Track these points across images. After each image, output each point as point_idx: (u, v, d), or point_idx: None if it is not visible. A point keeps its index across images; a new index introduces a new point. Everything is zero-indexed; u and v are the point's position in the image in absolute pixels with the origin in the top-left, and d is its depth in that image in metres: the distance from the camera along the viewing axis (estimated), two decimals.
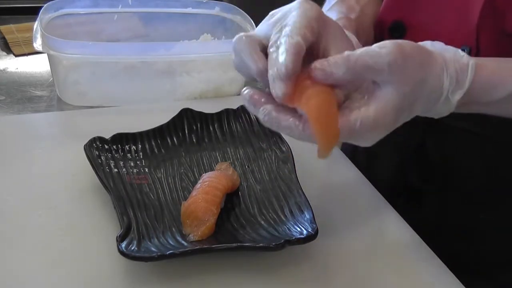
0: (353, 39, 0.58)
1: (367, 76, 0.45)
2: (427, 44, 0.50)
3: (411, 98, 0.46)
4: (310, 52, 0.47)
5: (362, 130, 0.45)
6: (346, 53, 0.45)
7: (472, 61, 0.49)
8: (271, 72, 0.45)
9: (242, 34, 0.49)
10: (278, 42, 0.46)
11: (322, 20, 0.48)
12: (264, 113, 0.46)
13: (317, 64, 0.45)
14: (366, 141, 0.48)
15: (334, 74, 0.44)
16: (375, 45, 0.45)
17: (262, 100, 0.47)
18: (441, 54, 0.49)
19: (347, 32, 0.54)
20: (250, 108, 0.48)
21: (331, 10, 0.68)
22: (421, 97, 0.47)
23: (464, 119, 0.57)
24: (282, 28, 0.47)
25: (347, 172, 0.73)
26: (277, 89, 0.44)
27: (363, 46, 0.48)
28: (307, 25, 0.46)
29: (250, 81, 0.97)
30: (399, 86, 0.45)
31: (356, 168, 0.74)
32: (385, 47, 0.45)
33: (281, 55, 0.44)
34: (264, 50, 0.48)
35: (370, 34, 0.70)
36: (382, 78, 0.45)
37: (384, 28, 0.70)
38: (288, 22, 0.47)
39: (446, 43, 0.52)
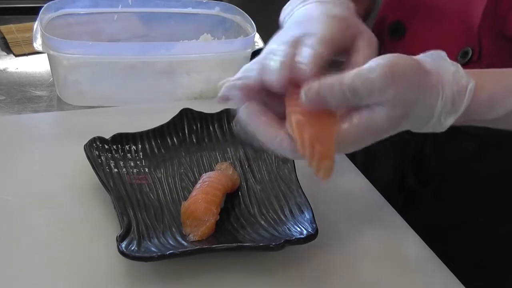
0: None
1: (358, 102, 0.44)
2: (427, 58, 0.48)
3: (398, 120, 0.45)
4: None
5: (338, 146, 0.45)
6: (337, 80, 0.43)
7: (471, 84, 0.46)
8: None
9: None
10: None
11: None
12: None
13: (308, 93, 0.44)
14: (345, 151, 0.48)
15: (326, 104, 0.44)
16: (366, 66, 0.44)
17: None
18: (439, 75, 0.46)
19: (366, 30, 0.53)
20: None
21: None
22: (409, 118, 0.46)
23: None
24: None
25: (347, 172, 0.73)
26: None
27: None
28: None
29: None
30: (388, 110, 0.44)
31: (356, 168, 0.74)
32: (375, 70, 0.43)
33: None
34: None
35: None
36: (372, 101, 0.44)
37: (384, 27, 0.69)
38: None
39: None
